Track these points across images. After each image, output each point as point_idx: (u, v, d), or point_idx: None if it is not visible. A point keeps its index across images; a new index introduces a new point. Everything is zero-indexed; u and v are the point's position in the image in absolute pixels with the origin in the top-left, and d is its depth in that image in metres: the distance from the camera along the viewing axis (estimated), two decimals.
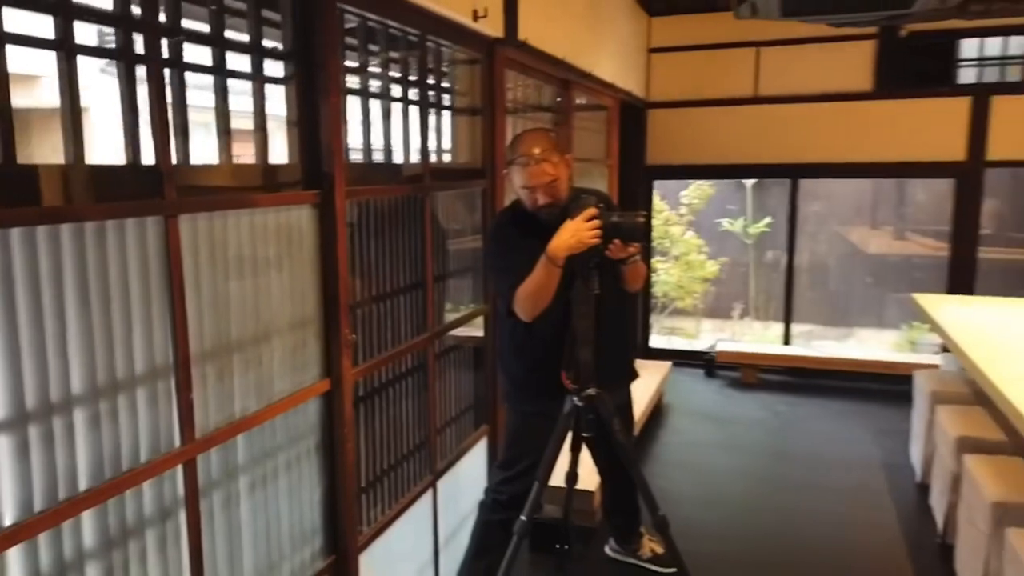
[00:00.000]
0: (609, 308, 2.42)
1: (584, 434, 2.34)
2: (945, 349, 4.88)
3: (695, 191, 7.66)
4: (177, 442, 1.47)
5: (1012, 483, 2.49)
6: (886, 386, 5.25)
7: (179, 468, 1.48)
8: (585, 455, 2.56)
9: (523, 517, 2.31)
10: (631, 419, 2.72)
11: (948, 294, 5.04)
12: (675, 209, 7.66)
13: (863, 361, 5.51)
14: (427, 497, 2.60)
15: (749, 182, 7.73)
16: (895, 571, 3.00)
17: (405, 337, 2.42)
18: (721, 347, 5.82)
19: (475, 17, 2.52)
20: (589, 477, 2.87)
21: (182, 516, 1.50)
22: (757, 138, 5.64)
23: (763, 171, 5.97)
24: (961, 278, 5.27)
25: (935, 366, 4.37)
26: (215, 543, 1.62)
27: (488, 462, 3.08)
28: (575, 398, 2.29)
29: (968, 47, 5.15)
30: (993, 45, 5.10)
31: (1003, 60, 5.07)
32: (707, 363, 5.83)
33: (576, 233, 2.18)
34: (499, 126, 2.88)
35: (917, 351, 6.67)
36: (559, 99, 4.02)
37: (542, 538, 2.97)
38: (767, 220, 7.76)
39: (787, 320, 5.92)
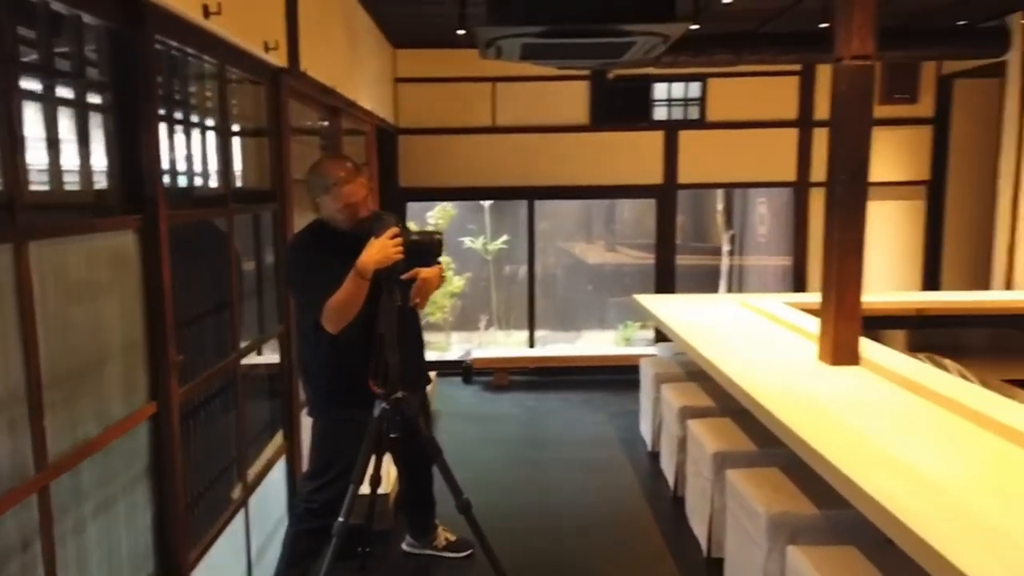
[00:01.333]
0: (408, 318, 2.69)
1: (392, 435, 2.56)
2: (659, 340, 5.85)
3: (440, 212, 8.13)
4: (32, 470, 1.45)
5: (725, 437, 3.20)
6: (615, 377, 6.10)
7: (34, 496, 1.45)
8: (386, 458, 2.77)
9: (341, 519, 2.47)
10: (430, 416, 2.99)
11: (657, 294, 6.04)
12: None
13: (596, 357, 6.38)
14: (240, 513, 2.63)
15: (487, 203, 8.40)
16: (638, 523, 3.62)
17: (216, 357, 2.45)
18: (476, 355, 6.32)
19: (266, 48, 2.64)
20: (383, 481, 3.08)
21: (38, 545, 1.47)
22: (497, 164, 6.25)
23: (503, 193, 6.60)
24: (665, 280, 6.34)
25: (654, 355, 5.22)
26: (68, 570, 1.59)
27: (288, 476, 3.14)
28: (383, 402, 2.52)
29: (660, 90, 6.23)
30: (678, 88, 6.24)
31: (686, 101, 6.23)
32: (464, 371, 6.29)
33: (383, 249, 2.43)
34: (286, 150, 3.00)
35: (632, 346, 7.76)
36: (323, 124, 4.18)
37: (344, 544, 3.10)
38: (504, 238, 8.48)
39: (531, 326, 6.60)
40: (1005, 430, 2.12)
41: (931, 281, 6.36)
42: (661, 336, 6.03)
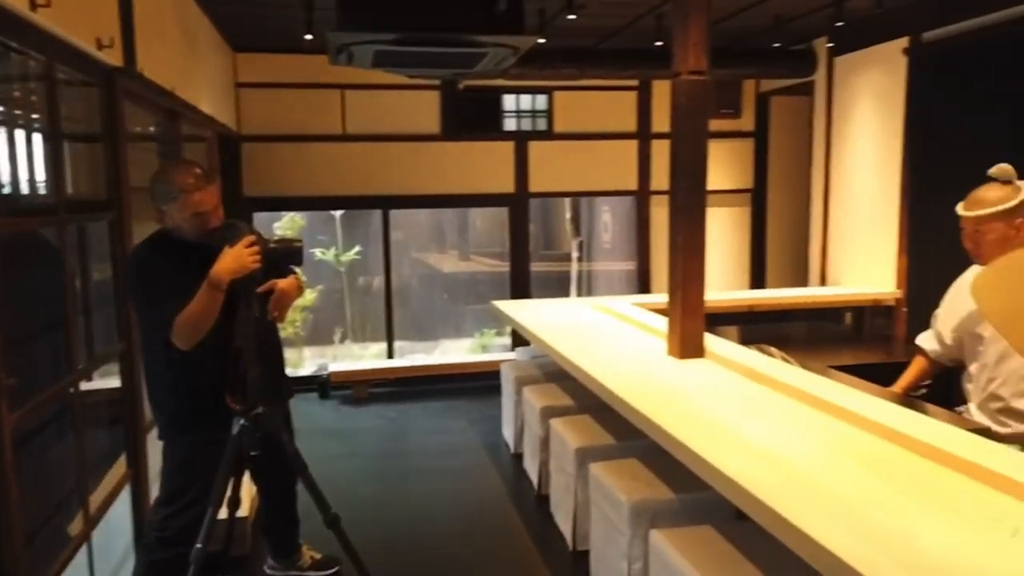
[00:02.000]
0: (266, 329, 2.59)
1: (252, 453, 2.45)
2: (515, 345, 5.96)
3: (288, 223, 7.87)
4: None
5: (586, 433, 3.33)
6: (475, 383, 6.16)
7: None
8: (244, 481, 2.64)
9: (199, 544, 2.33)
10: (293, 430, 2.89)
11: (513, 300, 6.16)
12: None
13: (456, 364, 6.42)
14: (83, 549, 2.40)
15: (338, 213, 8.22)
16: (505, 524, 3.67)
17: (51, 379, 2.23)
18: (333, 368, 6.15)
19: (100, 46, 2.45)
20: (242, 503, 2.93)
21: None
22: (348, 172, 6.14)
23: (356, 202, 6.49)
24: (520, 286, 6.50)
25: (514, 359, 5.31)
26: None
27: (133, 506, 2.91)
28: (241, 419, 2.40)
29: (509, 101, 6.39)
30: (526, 100, 6.42)
31: (534, 113, 6.43)
32: (320, 385, 6.11)
33: (239, 258, 2.33)
34: (122, 156, 2.80)
35: (489, 352, 7.87)
36: (154, 128, 3.92)
37: (201, 572, 2.92)
38: (357, 248, 8.33)
39: (389, 337, 6.53)
40: (831, 408, 2.36)
41: (757, 280, 6.94)
42: (518, 341, 6.16)
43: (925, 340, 2.91)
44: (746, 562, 2.07)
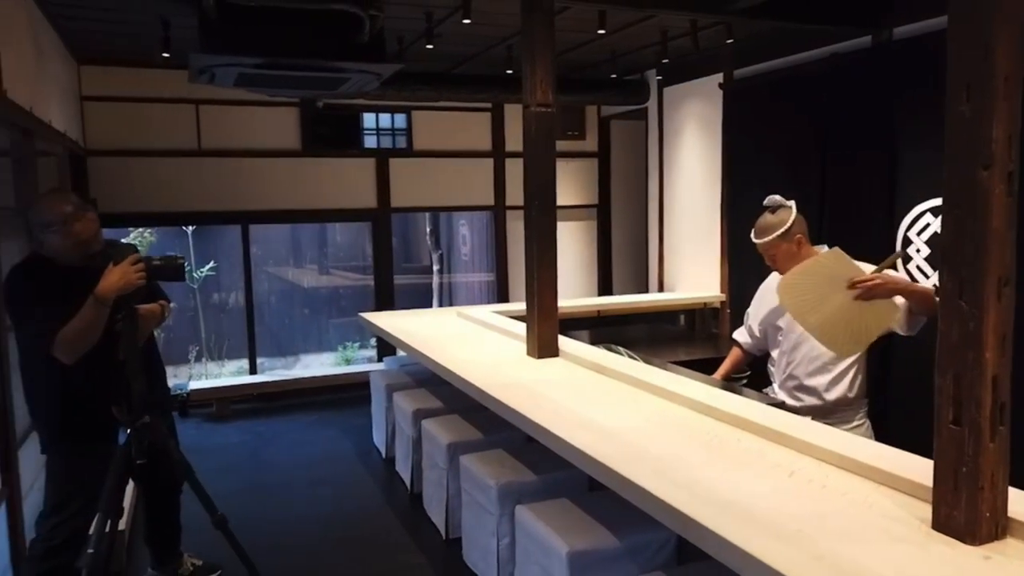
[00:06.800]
0: (148, 343, 2.71)
1: (139, 461, 2.55)
2: (383, 355, 6.17)
3: (136, 238, 7.60)
4: None
5: (456, 430, 3.62)
6: (341, 396, 6.29)
7: None
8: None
9: (91, 550, 2.41)
10: (178, 438, 2.99)
11: (378, 312, 6.36)
12: None
13: (322, 377, 6.52)
14: None
15: (190, 229, 8.03)
16: (381, 523, 3.88)
17: None
18: (193, 386, 6.07)
19: None
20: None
21: None
22: (205, 187, 6.11)
23: (214, 218, 6.44)
24: (385, 298, 6.70)
25: (383, 368, 5.51)
26: None
27: (8, 522, 2.88)
28: (129, 429, 2.52)
29: (368, 119, 6.59)
30: (385, 119, 6.65)
31: (394, 131, 6.67)
32: (180, 404, 6.00)
33: (124, 276, 2.47)
34: None
35: (353, 365, 7.98)
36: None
37: None
38: (211, 264, 8.17)
39: (252, 352, 6.51)
40: (663, 392, 2.81)
41: (604, 287, 7.55)
42: (385, 351, 6.37)
43: (739, 334, 3.45)
44: (595, 522, 2.45)
